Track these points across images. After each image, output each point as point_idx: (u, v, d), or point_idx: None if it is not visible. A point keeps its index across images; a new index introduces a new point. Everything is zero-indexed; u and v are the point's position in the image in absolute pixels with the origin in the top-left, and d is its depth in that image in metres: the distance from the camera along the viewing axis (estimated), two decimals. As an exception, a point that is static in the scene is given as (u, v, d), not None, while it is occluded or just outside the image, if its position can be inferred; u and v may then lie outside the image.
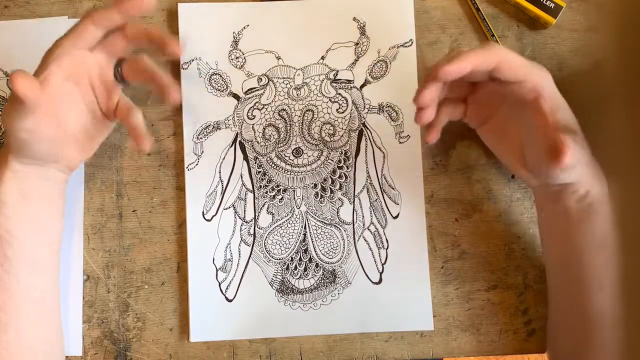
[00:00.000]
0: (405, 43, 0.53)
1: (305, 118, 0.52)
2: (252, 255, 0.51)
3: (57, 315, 0.47)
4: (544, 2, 0.52)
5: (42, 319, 0.45)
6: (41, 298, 0.45)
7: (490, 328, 0.50)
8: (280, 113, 0.52)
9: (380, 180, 0.51)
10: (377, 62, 0.53)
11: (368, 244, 0.51)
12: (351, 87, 0.52)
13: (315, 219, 0.51)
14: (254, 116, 0.52)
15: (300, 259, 0.51)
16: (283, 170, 0.52)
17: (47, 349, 0.46)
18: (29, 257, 0.44)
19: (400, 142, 0.52)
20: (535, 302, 0.51)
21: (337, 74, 0.53)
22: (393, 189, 0.51)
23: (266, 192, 0.51)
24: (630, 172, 0.22)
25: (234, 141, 0.52)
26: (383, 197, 0.51)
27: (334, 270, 0.51)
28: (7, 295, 0.43)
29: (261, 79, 0.52)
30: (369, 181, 0.51)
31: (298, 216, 0.51)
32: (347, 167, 0.52)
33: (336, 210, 0.51)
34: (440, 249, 0.51)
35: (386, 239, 0.51)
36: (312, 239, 0.51)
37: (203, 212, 0.51)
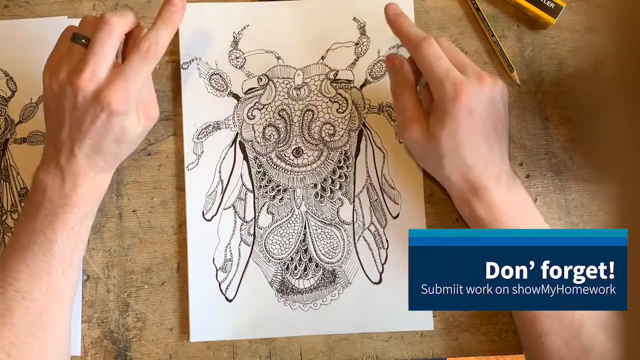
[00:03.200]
0: (405, 43, 0.53)
1: (305, 118, 0.52)
2: (252, 255, 0.51)
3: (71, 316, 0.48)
4: (544, 2, 0.52)
5: (70, 320, 0.46)
6: (74, 300, 0.47)
7: (490, 328, 0.50)
8: (280, 113, 0.52)
9: (380, 180, 0.51)
10: (377, 62, 0.53)
11: (368, 244, 0.51)
12: (351, 87, 0.52)
13: (315, 219, 0.51)
14: (254, 116, 0.52)
15: (300, 259, 0.51)
16: (283, 170, 0.52)
17: (68, 349, 0.47)
18: (81, 260, 0.47)
19: (400, 142, 0.52)
20: (535, 302, 0.51)
21: (337, 74, 0.53)
22: (393, 189, 0.51)
23: (266, 192, 0.51)
24: (630, 172, 0.22)
25: (234, 141, 0.52)
26: (383, 197, 0.51)
27: (334, 270, 0.51)
28: (57, 299, 0.44)
29: (261, 79, 0.52)
30: (369, 181, 0.51)
31: (298, 216, 0.51)
32: (347, 167, 0.52)
33: (336, 210, 0.51)
34: (440, 249, 0.51)
35: (386, 239, 0.51)
36: (312, 239, 0.51)
37: (203, 212, 0.51)
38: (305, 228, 0.51)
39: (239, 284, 0.50)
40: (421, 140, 0.46)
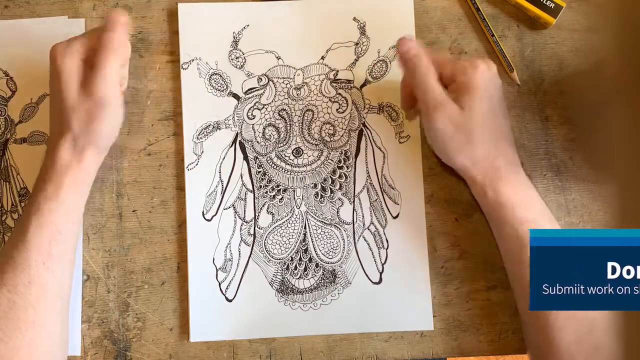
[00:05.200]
0: (405, 43, 0.53)
1: (305, 118, 0.52)
2: (252, 255, 0.51)
3: (68, 314, 0.47)
4: (544, 2, 0.52)
5: (63, 318, 0.46)
6: (67, 295, 0.46)
7: (490, 328, 0.50)
8: (280, 113, 0.52)
9: (380, 180, 0.51)
10: (377, 62, 0.53)
11: (368, 244, 0.51)
12: (351, 87, 0.52)
13: (315, 219, 0.51)
14: (254, 116, 0.52)
15: (300, 259, 0.51)
16: (283, 170, 0.52)
17: (62, 348, 0.46)
18: (68, 254, 0.46)
19: (400, 142, 0.52)
20: (535, 302, 0.51)
21: (337, 74, 0.53)
22: (393, 189, 0.51)
23: (266, 192, 0.51)
24: (630, 172, 0.22)
25: (234, 141, 0.52)
26: (383, 197, 0.51)
27: (334, 270, 0.51)
28: (41, 292, 0.44)
29: (261, 79, 0.52)
30: (369, 181, 0.51)
31: (298, 216, 0.51)
32: (347, 167, 0.52)
33: (336, 210, 0.51)
34: (440, 249, 0.51)
35: (386, 239, 0.51)
36: (312, 239, 0.51)
37: (203, 212, 0.51)
38: (305, 228, 0.51)
39: (239, 284, 0.50)
40: (456, 118, 0.45)
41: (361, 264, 0.50)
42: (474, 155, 0.46)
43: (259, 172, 0.52)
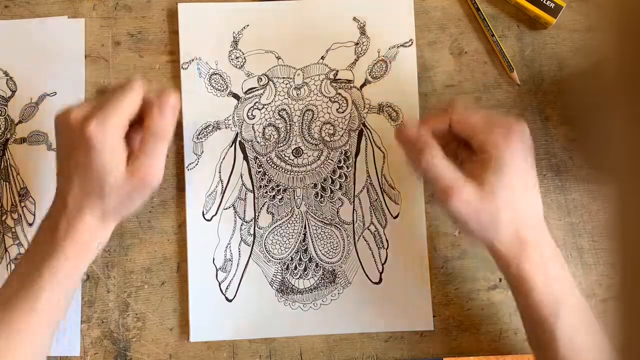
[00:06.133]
0: (405, 43, 0.53)
1: (305, 118, 0.52)
2: (252, 255, 0.51)
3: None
4: (544, 2, 0.52)
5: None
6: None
7: (490, 328, 0.50)
8: (280, 113, 0.52)
9: (380, 180, 0.51)
10: (377, 62, 0.53)
11: (368, 244, 0.51)
12: (351, 87, 0.52)
13: (315, 218, 0.51)
14: (254, 116, 0.52)
15: (300, 259, 0.51)
16: (283, 170, 0.52)
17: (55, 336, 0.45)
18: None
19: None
20: (535, 302, 0.50)
21: (337, 74, 0.53)
22: (393, 189, 0.51)
23: (266, 192, 0.51)
24: (630, 172, 0.22)
25: (234, 141, 0.52)
26: (383, 197, 0.51)
27: (334, 270, 0.51)
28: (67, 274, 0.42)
29: (261, 79, 0.52)
30: (369, 181, 0.51)
31: (298, 216, 0.51)
32: (347, 167, 0.52)
33: (336, 210, 0.51)
34: (440, 249, 0.51)
35: (386, 239, 0.51)
36: (312, 239, 0.51)
37: (203, 212, 0.51)
38: (305, 228, 0.51)
39: (239, 284, 0.50)
40: (475, 201, 0.41)
41: (361, 264, 0.50)
42: (498, 233, 0.42)
43: (259, 172, 0.52)
